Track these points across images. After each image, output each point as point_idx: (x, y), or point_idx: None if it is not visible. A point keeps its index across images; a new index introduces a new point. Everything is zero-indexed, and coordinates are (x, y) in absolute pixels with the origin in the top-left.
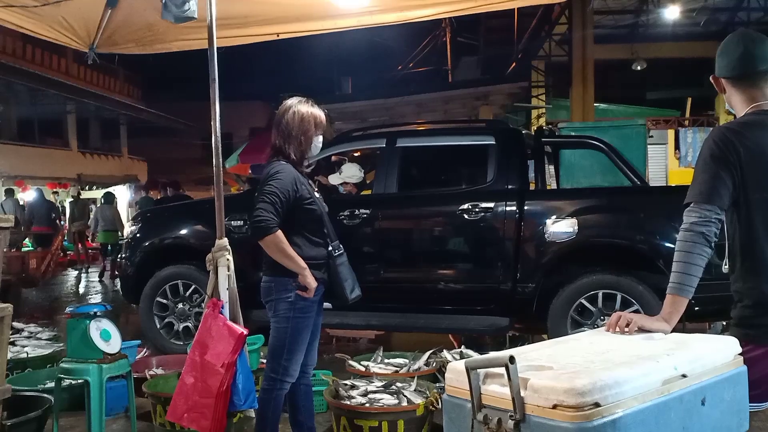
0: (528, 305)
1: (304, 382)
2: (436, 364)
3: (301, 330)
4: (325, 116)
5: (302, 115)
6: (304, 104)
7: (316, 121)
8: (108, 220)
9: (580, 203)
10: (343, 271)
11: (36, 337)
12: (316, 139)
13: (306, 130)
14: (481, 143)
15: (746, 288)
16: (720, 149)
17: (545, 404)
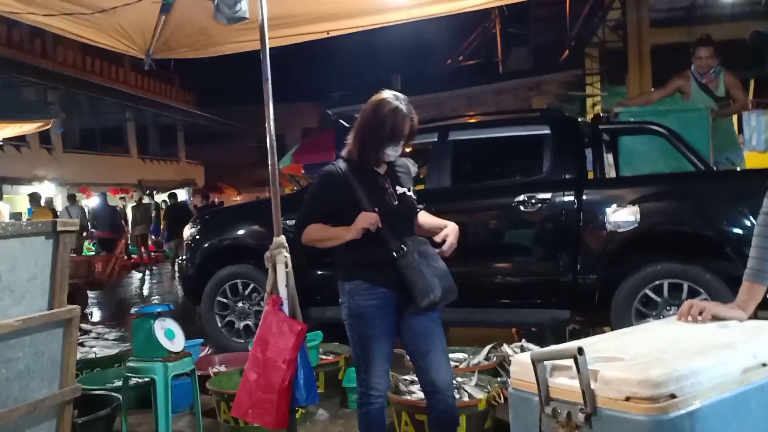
0: (590, 297)
1: (434, 405)
2: (496, 358)
3: (367, 338)
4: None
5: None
6: (389, 103)
7: (393, 128)
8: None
9: (641, 191)
10: (410, 274)
11: (103, 337)
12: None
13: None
14: (536, 133)
15: None
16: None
17: (617, 396)
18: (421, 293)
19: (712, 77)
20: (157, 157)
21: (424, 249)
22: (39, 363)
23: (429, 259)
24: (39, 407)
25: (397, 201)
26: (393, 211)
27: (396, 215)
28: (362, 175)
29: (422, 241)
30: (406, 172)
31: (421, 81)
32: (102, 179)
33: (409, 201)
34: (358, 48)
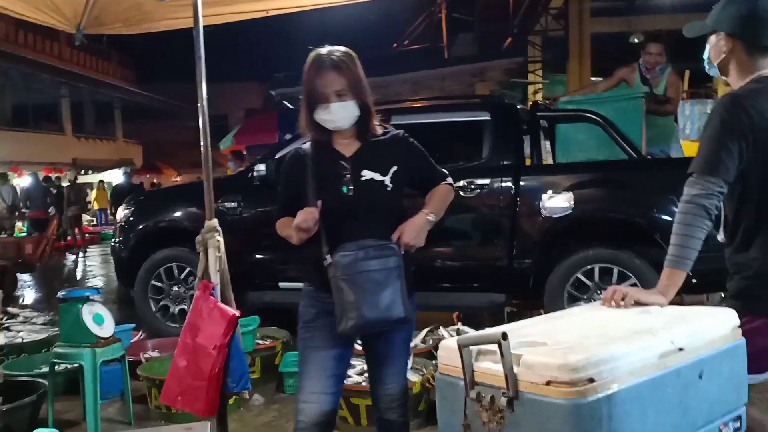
0: (524, 281)
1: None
2: (432, 341)
3: (302, 349)
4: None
5: (304, 75)
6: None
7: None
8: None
9: (576, 178)
10: (333, 290)
11: (31, 322)
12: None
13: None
14: (475, 119)
15: (748, 259)
16: (731, 115)
17: (539, 381)
18: (338, 316)
19: (657, 74)
20: (92, 135)
21: (372, 257)
22: None
23: (370, 273)
24: None
25: (352, 190)
26: (344, 204)
27: (350, 209)
28: (322, 158)
29: (378, 246)
30: (392, 152)
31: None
32: (34, 158)
33: (372, 190)
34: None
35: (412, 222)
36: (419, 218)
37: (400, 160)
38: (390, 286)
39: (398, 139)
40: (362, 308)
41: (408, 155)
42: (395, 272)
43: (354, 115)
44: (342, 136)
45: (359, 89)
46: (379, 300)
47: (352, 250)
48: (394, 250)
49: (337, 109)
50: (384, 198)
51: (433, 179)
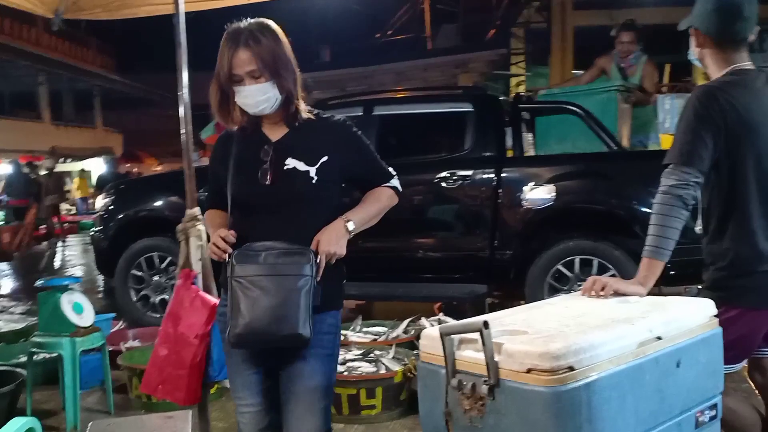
0: (506, 272)
1: None
2: (414, 332)
3: (227, 360)
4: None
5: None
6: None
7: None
8: None
9: (557, 170)
10: (232, 290)
11: (9, 311)
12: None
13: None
14: (458, 110)
15: (722, 250)
16: (704, 107)
17: (519, 368)
18: (235, 323)
19: (631, 62)
20: (71, 123)
21: (276, 261)
22: None
23: (268, 279)
24: None
25: (270, 181)
26: (260, 196)
27: (266, 202)
28: (247, 142)
29: (288, 250)
30: (325, 139)
31: (350, 54)
32: (11, 145)
33: (293, 181)
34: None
35: (329, 228)
36: (337, 225)
37: (334, 150)
38: (289, 296)
39: (336, 125)
40: (246, 316)
41: (345, 145)
42: (302, 283)
43: (274, 98)
44: (270, 119)
45: (278, 69)
46: (271, 310)
47: (256, 251)
48: (306, 257)
49: (253, 92)
50: (307, 192)
51: (373, 179)
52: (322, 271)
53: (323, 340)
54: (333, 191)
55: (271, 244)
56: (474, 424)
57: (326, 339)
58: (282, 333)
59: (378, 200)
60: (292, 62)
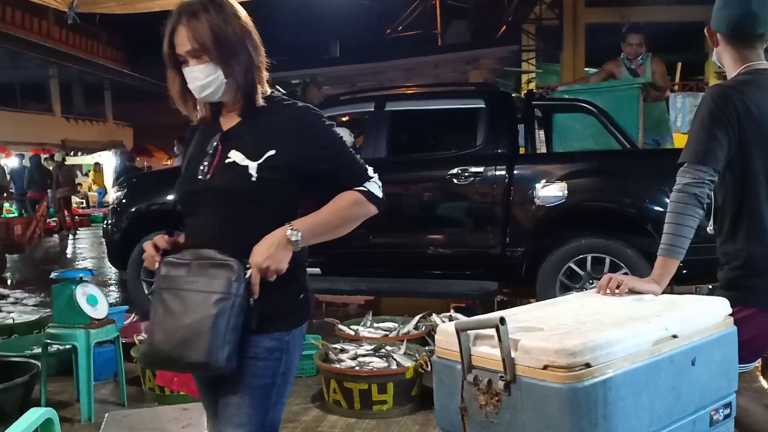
0: (517, 269)
1: None
2: (425, 327)
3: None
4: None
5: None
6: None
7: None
8: None
9: (569, 167)
10: (152, 308)
11: (22, 303)
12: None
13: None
14: (470, 107)
15: (736, 249)
16: (718, 107)
17: (536, 365)
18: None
19: (640, 62)
20: (82, 116)
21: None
22: None
23: (184, 293)
24: None
25: (210, 175)
26: (196, 194)
27: (200, 201)
28: (203, 135)
29: (215, 261)
30: (276, 129)
31: (360, 49)
32: (23, 138)
33: (229, 178)
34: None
35: (267, 237)
36: (277, 234)
37: (286, 143)
38: (198, 316)
39: (293, 111)
40: (155, 334)
41: (302, 137)
42: (222, 302)
43: (219, 81)
44: (229, 108)
45: (220, 49)
46: (178, 330)
47: (183, 259)
48: (232, 270)
49: (194, 73)
50: (244, 192)
51: (338, 181)
52: (256, 288)
53: (257, 368)
54: (282, 193)
55: (202, 252)
56: (490, 420)
57: (261, 366)
58: (187, 360)
59: (339, 206)
60: (249, 43)
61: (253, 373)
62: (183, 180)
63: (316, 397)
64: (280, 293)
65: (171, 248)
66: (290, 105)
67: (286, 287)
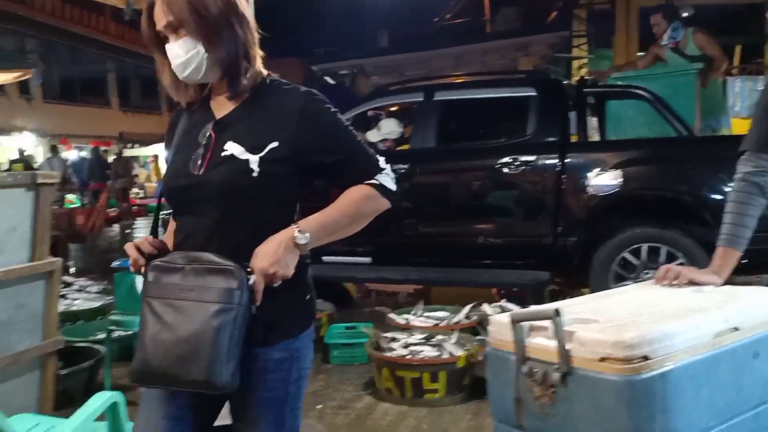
0: (569, 259)
1: None
2: (476, 317)
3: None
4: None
5: None
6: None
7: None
8: None
9: (623, 155)
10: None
11: (86, 290)
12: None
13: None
14: (521, 95)
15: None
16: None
17: (592, 357)
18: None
19: (672, 37)
20: (138, 109)
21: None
22: (20, 315)
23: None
24: (21, 359)
25: (203, 169)
26: (189, 190)
27: (194, 197)
28: (192, 122)
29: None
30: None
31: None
32: (82, 131)
33: (228, 173)
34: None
35: (271, 240)
36: (283, 235)
37: (289, 133)
38: (202, 331)
39: (297, 97)
40: (147, 349)
41: (307, 126)
42: (224, 313)
43: (200, 57)
44: (218, 91)
45: (202, 19)
46: (174, 345)
47: (175, 263)
48: (234, 276)
49: (174, 49)
50: (244, 188)
51: (348, 174)
52: (260, 296)
53: (268, 382)
54: (285, 188)
55: (197, 256)
56: (545, 411)
57: (271, 379)
58: (187, 378)
59: (349, 203)
60: (234, 17)
61: (264, 388)
62: (171, 173)
63: (367, 385)
64: (285, 298)
65: (158, 251)
66: (291, 89)
67: (291, 291)
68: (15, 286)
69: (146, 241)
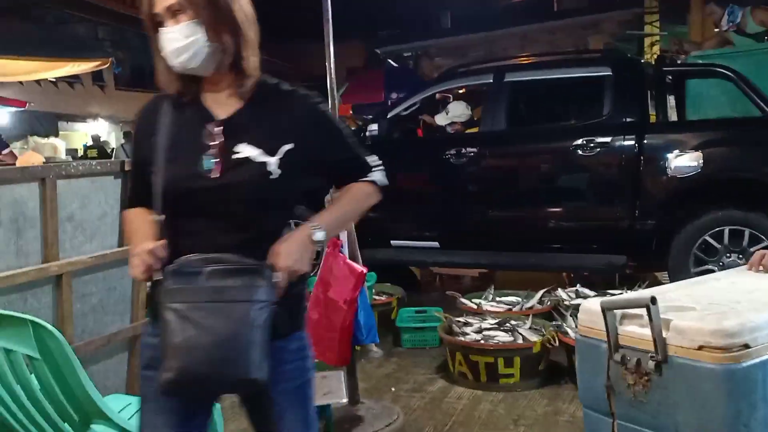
0: (647, 243)
1: None
2: (550, 302)
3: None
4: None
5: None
6: None
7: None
8: None
9: (705, 136)
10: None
11: None
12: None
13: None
14: (596, 74)
15: None
16: None
17: (690, 345)
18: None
19: (731, 21)
20: None
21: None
22: (111, 298)
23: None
24: (113, 340)
25: (217, 172)
26: (201, 193)
27: (208, 201)
28: (183, 118)
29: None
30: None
31: (473, 19)
32: None
33: (246, 176)
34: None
35: (291, 238)
36: (301, 234)
37: (301, 135)
38: (240, 331)
39: (303, 100)
40: (183, 356)
41: (316, 129)
42: (257, 311)
43: (200, 45)
44: (213, 87)
45: (213, 6)
46: (215, 350)
47: (196, 267)
48: (263, 275)
49: (170, 35)
50: (264, 190)
51: (349, 172)
52: (281, 292)
53: (286, 372)
54: (296, 190)
55: (216, 257)
56: (638, 399)
57: (290, 369)
58: (229, 378)
59: (356, 200)
60: (241, 14)
61: (286, 378)
62: (176, 174)
63: (440, 368)
64: (297, 294)
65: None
66: (293, 91)
67: (300, 287)
68: (107, 271)
69: (160, 245)
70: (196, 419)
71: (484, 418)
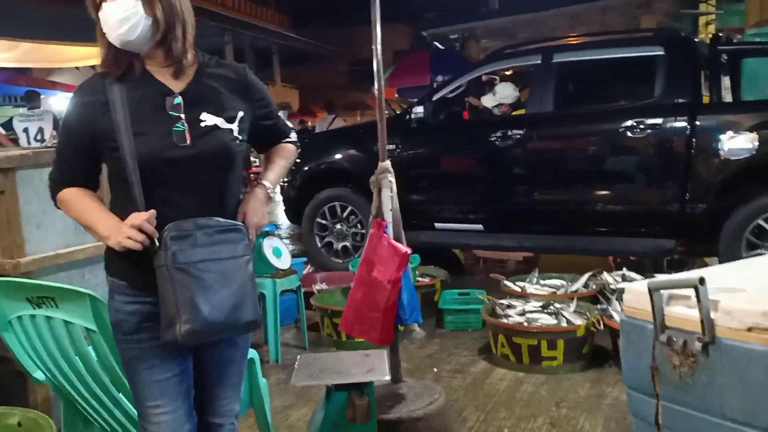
0: (698, 227)
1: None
2: (595, 286)
3: (134, 370)
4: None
5: None
6: None
7: None
8: None
9: (760, 117)
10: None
11: None
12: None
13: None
14: (647, 54)
15: None
16: None
17: (739, 327)
18: (164, 320)
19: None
20: None
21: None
22: None
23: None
24: None
25: (189, 141)
26: (177, 162)
27: (184, 169)
28: (139, 92)
29: (223, 227)
30: (237, 89)
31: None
32: None
33: (217, 143)
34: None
35: (254, 198)
36: (260, 193)
37: (246, 104)
38: (238, 280)
39: (238, 71)
40: (202, 309)
41: (255, 97)
42: (245, 263)
43: (138, 17)
44: (154, 61)
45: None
46: (225, 298)
47: (189, 230)
48: (243, 233)
49: (110, 10)
50: (233, 155)
51: (280, 134)
52: (252, 246)
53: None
54: (245, 152)
55: (204, 221)
56: (684, 380)
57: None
58: (241, 322)
59: (288, 158)
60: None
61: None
62: (148, 148)
63: (482, 350)
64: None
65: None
66: (230, 64)
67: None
68: None
69: (151, 215)
70: (186, 361)
71: (525, 399)
